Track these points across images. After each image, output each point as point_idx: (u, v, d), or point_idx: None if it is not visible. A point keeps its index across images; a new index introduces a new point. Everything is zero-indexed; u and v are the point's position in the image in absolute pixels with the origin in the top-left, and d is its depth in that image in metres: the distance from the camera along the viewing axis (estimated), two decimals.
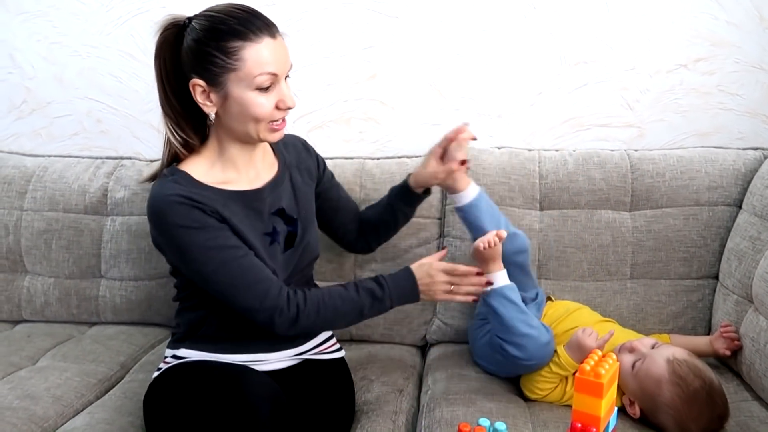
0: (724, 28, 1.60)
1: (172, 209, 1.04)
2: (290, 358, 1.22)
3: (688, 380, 1.09)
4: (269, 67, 1.02)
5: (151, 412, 1.12)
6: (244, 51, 1.01)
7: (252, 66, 1.01)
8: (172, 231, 1.05)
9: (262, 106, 1.04)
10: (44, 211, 1.65)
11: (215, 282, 1.07)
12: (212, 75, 1.02)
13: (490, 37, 1.67)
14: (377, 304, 1.13)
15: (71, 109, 1.86)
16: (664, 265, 1.47)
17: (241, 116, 1.05)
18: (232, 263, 1.06)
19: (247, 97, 1.03)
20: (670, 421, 1.11)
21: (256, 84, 1.02)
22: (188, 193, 1.05)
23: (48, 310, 1.65)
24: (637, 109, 1.67)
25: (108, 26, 1.79)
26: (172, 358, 1.19)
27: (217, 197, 1.08)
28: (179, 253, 1.07)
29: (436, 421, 1.18)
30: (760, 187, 1.37)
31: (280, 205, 1.18)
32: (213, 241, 1.05)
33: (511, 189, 1.51)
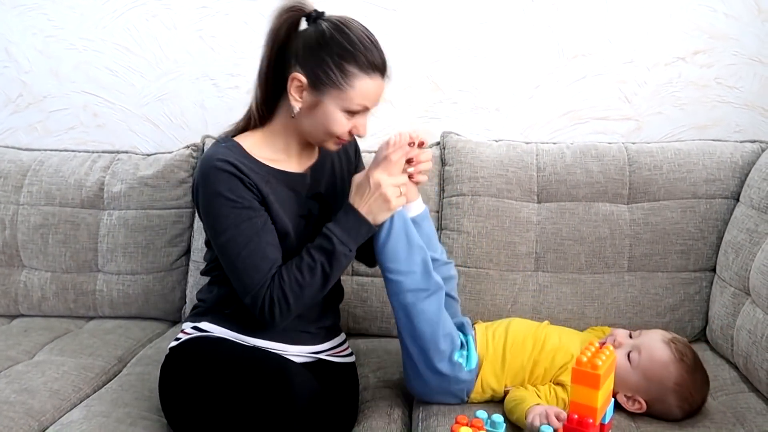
0: (723, 20, 1.59)
1: (216, 175, 1.07)
2: (307, 355, 1.22)
3: (686, 353, 1.13)
4: (367, 101, 1.09)
5: (173, 381, 1.12)
6: (356, 79, 1.06)
7: (355, 94, 1.07)
8: (209, 195, 1.08)
9: (341, 126, 1.09)
10: (40, 206, 1.65)
11: (223, 254, 1.10)
12: (317, 80, 1.06)
13: (488, 30, 1.67)
14: (334, 255, 1.08)
15: (67, 103, 1.86)
16: (661, 258, 1.47)
17: (320, 125, 1.10)
18: (240, 244, 1.08)
19: (334, 113, 1.08)
20: (676, 400, 1.11)
21: (349, 108, 1.08)
22: (235, 161, 1.08)
23: (45, 304, 1.65)
24: (635, 101, 1.67)
25: (104, 19, 1.78)
26: (192, 330, 1.18)
27: (262, 172, 1.12)
28: (207, 217, 1.11)
29: (433, 414, 1.18)
30: (758, 179, 1.37)
31: (319, 189, 1.21)
32: (237, 217, 1.07)
33: (508, 181, 1.50)
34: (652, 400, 1.13)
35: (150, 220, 1.62)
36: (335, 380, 1.22)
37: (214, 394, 1.04)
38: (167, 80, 1.81)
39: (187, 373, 1.11)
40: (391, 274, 1.14)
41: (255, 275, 1.07)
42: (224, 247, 1.09)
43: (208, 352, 1.12)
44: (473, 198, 1.50)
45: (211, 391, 1.05)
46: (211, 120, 1.82)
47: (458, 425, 0.99)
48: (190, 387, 1.09)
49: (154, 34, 1.78)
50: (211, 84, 1.79)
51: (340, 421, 1.17)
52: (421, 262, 1.13)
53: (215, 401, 1.04)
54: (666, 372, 1.12)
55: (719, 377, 1.28)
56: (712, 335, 1.41)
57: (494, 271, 1.49)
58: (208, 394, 1.05)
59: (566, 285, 1.49)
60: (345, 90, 1.06)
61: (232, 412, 1.02)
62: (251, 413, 1.00)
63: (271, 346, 1.17)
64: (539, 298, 1.49)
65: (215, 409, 1.03)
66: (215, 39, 1.76)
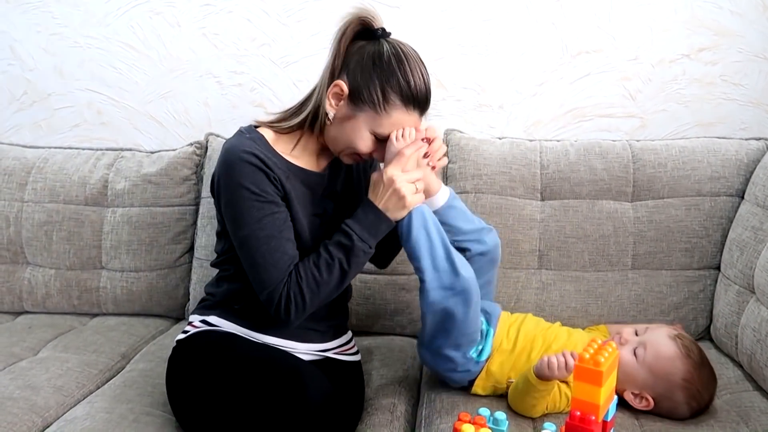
0: (728, 17, 1.58)
1: (241, 166, 1.06)
2: (315, 353, 1.22)
3: (693, 349, 1.14)
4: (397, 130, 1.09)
5: (181, 373, 1.12)
6: (395, 109, 1.07)
7: (389, 122, 1.08)
8: (232, 186, 1.07)
9: (366, 146, 1.11)
10: (45, 203, 1.65)
11: (242, 247, 1.09)
12: (359, 95, 1.07)
13: (491, 27, 1.66)
14: (353, 252, 1.08)
15: (71, 101, 1.86)
16: (665, 256, 1.46)
17: (346, 138, 1.11)
18: (261, 239, 1.07)
19: (363, 132, 1.09)
20: (684, 397, 1.11)
21: (378, 132, 1.09)
22: (261, 154, 1.07)
23: (49, 301, 1.66)
24: (640, 99, 1.66)
25: (108, 17, 1.79)
26: (201, 323, 1.18)
27: (284, 168, 1.12)
28: (228, 209, 1.10)
29: (436, 411, 1.18)
30: (763, 177, 1.36)
31: (335, 188, 1.21)
32: (259, 211, 1.07)
33: (512, 179, 1.50)
34: (660, 397, 1.13)
35: (154, 218, 1.63)
36: (342, 378, 1.22)
37: (224, 388, 1.04)
38: (171, 78, 1.81)
39: (196, 365, 1.11)
40: (416, 271, 1.14)
41: (273, 272, 1.07)
42: (245, 240, 1.08)
43: (218, 346, 1.12)
44: (477, 195, 1.50)
45: (221, 385, 1.05)
46: (214, 118, 1.82)
47: (461, 422, 0.99)
48: (198, 380, 1.08)
49: (157, 31, 1.78)
50: (214, 82, 1.80)
51: (346, 419, 1.17)
52: (445, 259, 1.11)
53: (225, 396, 1.04)
54: (673, 367, 1.11)
55: (723, 375, 1.28)
56: (717, 333, 1.41)
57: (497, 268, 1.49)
58: (218, 389, 1.05)
59: (570, 282, 1.48)
60: (381, 115, 1.07)
61: (241, 409, 1.02)
62: (263, 411, 1.00)
63: (279, 343, 1.17)
64: (542, 295, 1.48)
65: (224, 404, 1.03)
66: (219, 37, 1.76)
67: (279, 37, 1.74)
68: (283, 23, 1.72)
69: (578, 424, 0.87)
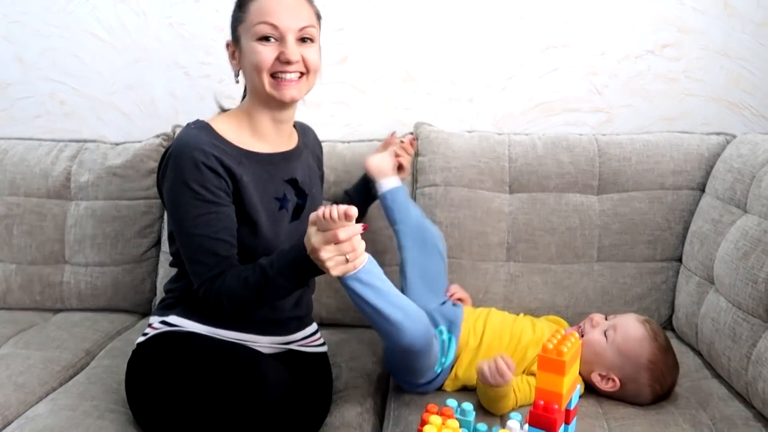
0: (690, 14, 1.62)
1: (184, 162, 1.07)
2: (277, 346, 1.21)
3: (659, 333, 1.19)
4: (269, 17, 1.08)
5: (139, 377, 1.11)
6: (251, 3, 1.10)
7: (253, 15, 1.09)
8: (174, 181, 1.08)
9: (261, 55, 1.08)
10: (4, 196, 1.61)
11: (179, 240, 1.12)
12: (233, 32, 1.13)
13: (461, 21, 1.67)
14: (273, 283, 1.03)
15: (33, 91, 1.81)
16: (629, 248, 1.49)
17: (248, 67, 1.11)
18: (193, 236, 1.08)
19: (250, 46, 1.09)
20: (648, 379, 1.15)
21: (256, 33, 1.08)
22: (206, 146, 1.07)
23: (10, 296, 1.61)
24: (606, 94, 1.68)
25: (70, 5, 1.74)
26: (160, 324, 1.16)
27: (234, 153, 1.11)
28: (168, 202, 1.11)
29: (405, 403, 1.19)
30: (723, 171, 1.40)
31: (294, 175, 1.21)
32: (195, 209, 1.07)
33: (481, 172, 1.51)
34: (626, 379, 1.16)
35: (119, 211, 1.59)
36: (306, 370, 1.21)
37: (184, 389, 1.03)
38: (137, 68, 1.77)
39: (154, 369, 1.09)
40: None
41: (203, 269, 1.08)
42: (178, 233, 1.11)
43: (176, 348, 1.11)
44: (446, 188, 1.51)
45: (181, 386, 1.03)
46: (181, 109, 1.79)
47: (428, 414, 1.00)
48: (158, 384, 1.07)
49: (122, 20, 1.74)
50: (182, 72, 1.76)
51: (313, 411, 1.17)
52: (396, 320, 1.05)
53: (185, 397, 1.02)
54: (640, 348, 1.16)
55: (684, 364, 1.31)
56: (678, 323, 1.45)
57: (466, 260, 1.50)
58: (178, 390, 1.03)
59: (537, 275, 1.50)
60: (245, 18, 1.10)
61: (202, 407, 1.00)
62: (223, 407, 0.99)
63: (241, 337, 1.16)
64: (511, 287, 1.50)
65: (185, 405, 1.02)
66: (186, 27, 1.73)
67: None
68: None
69: (542, 413, 0.88)
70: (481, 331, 1.25)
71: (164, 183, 1.11)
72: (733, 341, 1.18)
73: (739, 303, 1.19)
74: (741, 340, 1.16)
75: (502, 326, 1.26)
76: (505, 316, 1.31)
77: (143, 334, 1.18)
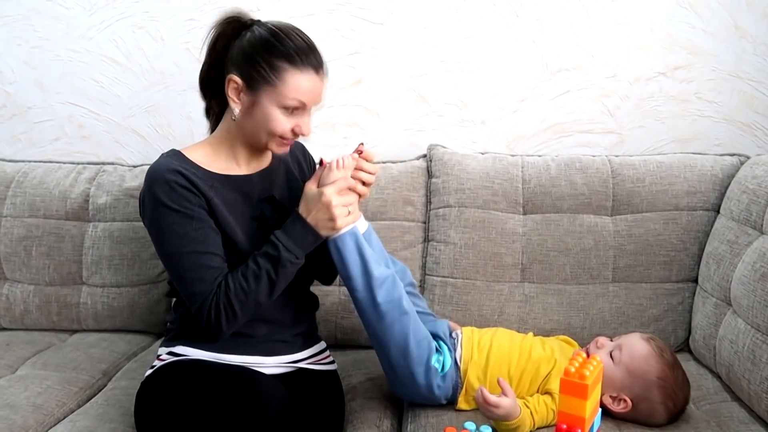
0: (701, 36, 1.63)
1: (160, 185, 1.08)
2: (286, 365, 1.21)
3: (666, 350, 1.18)
4: (302, 96, 1.10)
5: (147, 410, 1.11)
6: (287, 74, 1.08)
7: (288, 89, 1.08)
8: (153, 206, 1.09)
9: (281, 124, 1.11)
10: (24, 218, 1.63)
11: (168, 265, 1.12)
12: (251, 80, 1.09)
13: (473, 44, 1.69)
14: (280, 262, 1.10)
15: (52, 114, 1.84)
16: (644, 269, 1.49)
17: (260, 125, 1.11)
18: (184, 254, 1.08)
19: (272, 111, 1.10)
20: (660, 396, 1.13)
21: (284, 104, 1.09)
22: (178, 167, 1.09)
23: (28, 317, 1.63)
24: (618, 115, 1.70)
25: (90, 30, 1.78)
26: (168, 355, 1.17)
27: (205, 177, 1.12)
28: (151, 228, 1.12)
29: (422, 425, 1.19)
30: (737, 192, 1.40)
31: (271, 192, 1.21)
32: (181, 228, 1.08)
33: (494, 193, 1.52)
34: (637, 398, 1.15)
35: (136, 232, 1.61)
36: (318, 388, 1.21)
37: (188, 416, 1.03)
38: (154, 92, 1.80)
39: (161, 401, 1.10)
40: (353, 291, 1.17)
41: (201, 285, 1.08)
42: (170, 258, 1.10)
43: (180, 378, 1.11)
44: (460, 209, 1.52)
45: (185, 413, 1.04)
46: (197, 131, 1.81)
47: None
48: (164, 414, 1.07)
49: (140, 45, 1.77)
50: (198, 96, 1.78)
51: (326, 429, 1.16)
52: (379, 277, 1.16)
53: (189, 423, 1.03)
54: (648, 365, 1.15)
55: (702, 387, 1.30)
56: (695, 345, 1.44)
57: (481, 281, 1.51)
58: (183, 418, 1.04)
59: (552, 295, 1.50)
60: (277, 86, 1.08)
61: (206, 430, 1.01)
62: (224, 429, 0.99)
63: (247, 360, 1.16)
64: (525, 308, 1.50)
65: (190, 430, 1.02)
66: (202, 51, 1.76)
67: None
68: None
69: None
70: (488, 347, 1.24)
71: (145, 212, 1.13)
72: (753, 364, 1.17)
73: (758, 325, 1.18)
74: (761, 362, 1.15)
75: (510, 343, 1.26)
76: (512, 333, 1.31)
77: (151, 367, 1.19)
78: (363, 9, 1.68)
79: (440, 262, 1.51)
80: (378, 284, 1.16)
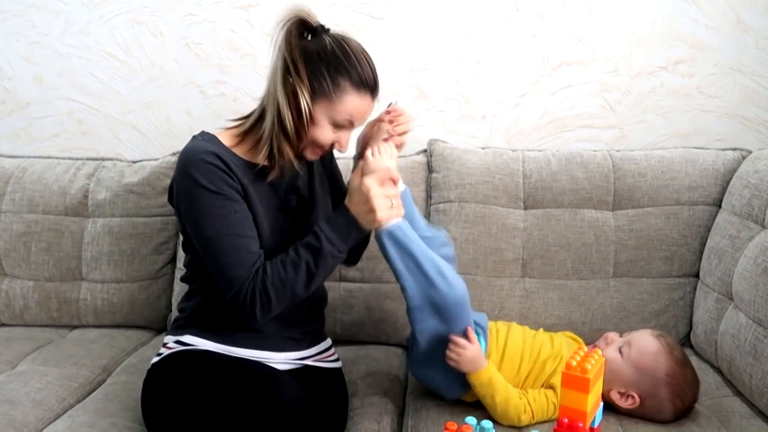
0: (703, 31, 1.63)
1: (198, 167, 1.06)
2: (293, 362, 1.21)
3: (675, 347, 1.18)
4: (354, 116, 1.12)
5: (156, 397, 1.11)
6: (347, 94, 1.09)
7: (343, 108, 1.10)
8: (191, 188, 1.07)
9: (325, 137, 1.12)
10: (23, 213, 1.62)
11: (207, 249, 1.09)
12: (311, 83, 1.08)
13: (474, 39, 1.68)
14: (321, 254, 1.08)
15: (51, 110, 1.84)
16: (646, 264, 1.49)
17: (307, 131, 1.11)
18: (225, 237, 1.07)
19: (322, 123, 1.10)
20: (668, 394, 1.13)
21: (335, 119, 1.10)
22: (216, 151, 1.07)
23: (27, 313, 1.62)
24: (619, 110, 1.69)
25: (89, 26, 1.77)
26: (175, 344, 1.17)
27: (240, 164, 1.12)
28: (189, 211, 1.09)
29: (423, 420, 1.18)
30: (739, 186, 1.40)
31: (296, 183, 1.21)
32: (221, 209, 1.07)
33: (495, 188, 1.52)
34: (645, 395, 1.15)
35: (135, 228, 1.61)
36: (322, 386, 1.21)
37: (200, 408, 1.03)
38: (153, 87, 1.80)
39: (170, 389, 1.09)
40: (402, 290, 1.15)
41: (240, 269, 1.07)
42: (209, 241, 1.08)
43: (191, 367, 1.11)
44: (460, 204, 1.51)
45: (197, 405, 1.03)
46: (197, 127, 1.77)
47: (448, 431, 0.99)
48: (174, 403, 1.07)
49: (140, 41, 1.77)
50: (197, 91, 1.79)
51: (328, 427, 1.16)
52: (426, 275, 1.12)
53: (201, 415, 1.02)
54: (656, 362, 1.15)
55: (704, 381, 1.29)
56: (697, 340, 1.43)
57: (481, 277, 1.50)
58: (194, 409, 1.03)
59: (553, 291, 1.50)
60: (334, 102, 1.09)
61: (219, 425, 1.00)
62: (240, 424, 0.99)
63: (256, 354, 1.16)
64: (526, 303, 1.50)
65: (202, 424, 1.02)
66: (202, 46, 1.76)
67: (262, 47, 1.74)
68: (267, 33, 1.72)
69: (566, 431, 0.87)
70: (503, 345, 1.24)
71: (180, 194, 1.11)
72: (754, 358, 1.17)
73: (760, 320, 1.18)
74: (763, 357, 1.15)
75: (524, 341, 1.25)
76: (525, 330, 1.31)
77: (158, 354, 1.18)
78: (363, 4, 1.68)
79: None
80: (430, 283, 1.12)
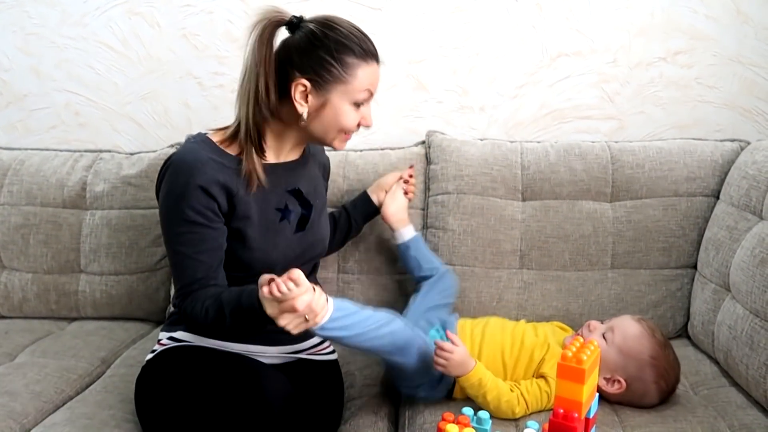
0: (703, 21, 1.62)
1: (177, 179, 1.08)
2: (287, 355, 1.22)
3: (656, 330, 1.21)
4: (372, 86, 1.13)
5: (148, 394, 1.11)
6: (358, 69, 1.09)
7: (359, 84, 1.10)
8: (167, 194, 1.09)
9: (351, 119, 1.12)
10: (21, 206, 1.62)
11: (166, 250, 1.13)
12: (321, 80, 1.08)
13: (472, 30, 1.68)
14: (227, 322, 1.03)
15: (48, 102, 1.83)
16: (643, 255, 1.49)
17: (331, 123, 1.12)
18: (177, 252, 1.09)
19: (344, 108, 1.11)
20: (653, 375, 1.15)
21: (356, 99, 1.11)
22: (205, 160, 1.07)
23: (26, 305, 1.63)
24: (618, 101, 1.69)
25: (86, 17, 1.76)
26: (168, 340, 1.17)
27: (233, 165, 1.11)
28: (160, 212, 1.11)
29: (420, 411, 1.19)
30: (737, 177, 1.39)
31: (297, 185, 1.20)
32: (180, 227, 1.08)
33: (493, 180, 1.51)
34: (631, 378, 1.16)
35: (133, 220, 1.61)
36: (317, 379, 1.21)
37: (189, 404, 1.04)
38: (151, 79, 1.79)
39: (162, 386, 1.10)
40: None
41: (180, 283, 1.10)
42: (166, 244, 1.13)
43: (181, 364, 1.12)
44: (458, 196, 1.51)
45: (186, 401, 1.04)
46: (195, 119, 1.80)
47: (445, 422, 0.99)
48: (165, 399, 1.08)
49: (137, 32, 1.76)
50: (195, 83, 1.78)
51: (325, 418, 1.17)
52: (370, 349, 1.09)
53: (190, 411, 1.03)
54: (640, 345, 1.17)
55: (701, 372, 1.31)
56: (694, 331, 1.44)
57: (479, 268, 1.50)
58: (183, 405, 1.04)
59: (551, 282, 1.50)
60: (349, 82, 1.09)
61: (207, 421, 1.01)
62: (226, 420, 0.99)
63: (249, 349, 1.16)
64: (524, 295, 1.50)
65: (191, 420, 1.02)
66: (199, 38, 1.75)
67: None
68: None
69: (561, 422, 0.88)
70: (480, 339, 1.25)
71: (160, 192, 1.12)
72: (751, 349, 1.17)
73: (757, 310, 1.18)
74: (759, 347, 1.15)
75: (503, 332, 1.27)
76: (504, 322, 1.32)
77: (152, 351, 1.19)
78: None
79: (439, 248, 1.50)
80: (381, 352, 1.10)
